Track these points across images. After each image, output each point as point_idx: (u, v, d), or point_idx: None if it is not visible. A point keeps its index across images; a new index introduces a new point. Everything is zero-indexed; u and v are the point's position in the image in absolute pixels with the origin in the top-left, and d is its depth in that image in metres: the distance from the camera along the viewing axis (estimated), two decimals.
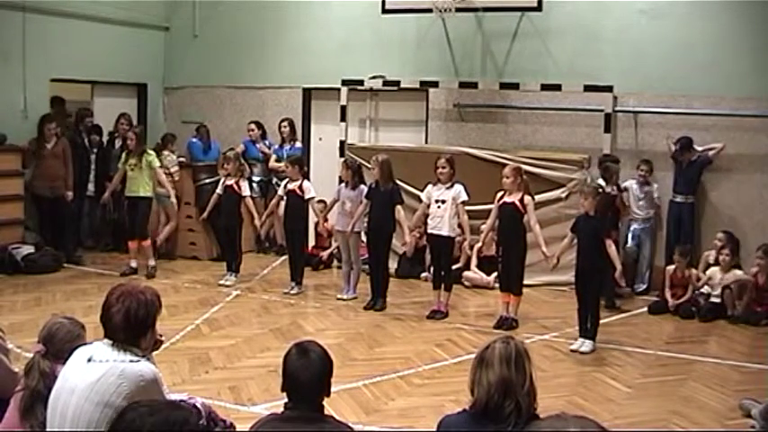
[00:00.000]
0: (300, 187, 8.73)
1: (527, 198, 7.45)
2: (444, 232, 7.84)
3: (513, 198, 7.44)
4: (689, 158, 8.85)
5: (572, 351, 6.92)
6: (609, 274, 7.42)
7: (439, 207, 7.84)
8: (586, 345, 6.94)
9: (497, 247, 7.91)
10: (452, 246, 8.08)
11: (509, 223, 7.50)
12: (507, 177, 7.44)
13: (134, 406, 2.57)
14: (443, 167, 7.81)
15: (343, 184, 8.64)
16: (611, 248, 6.94)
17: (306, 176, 9.11)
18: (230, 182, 9.12)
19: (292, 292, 8.75)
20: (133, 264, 9.46)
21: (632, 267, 9.07)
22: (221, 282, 9.12)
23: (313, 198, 8.80)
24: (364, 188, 8.46)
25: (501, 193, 7.56)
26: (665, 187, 9.06)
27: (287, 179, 8.94)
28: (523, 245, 7.54)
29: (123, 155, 9.48)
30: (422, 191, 8.20)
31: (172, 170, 10.26)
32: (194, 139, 11.03)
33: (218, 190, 9.25)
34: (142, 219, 9.46)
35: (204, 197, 9.99)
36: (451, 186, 7.81)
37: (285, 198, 8.87)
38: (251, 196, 9.34)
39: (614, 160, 8.79)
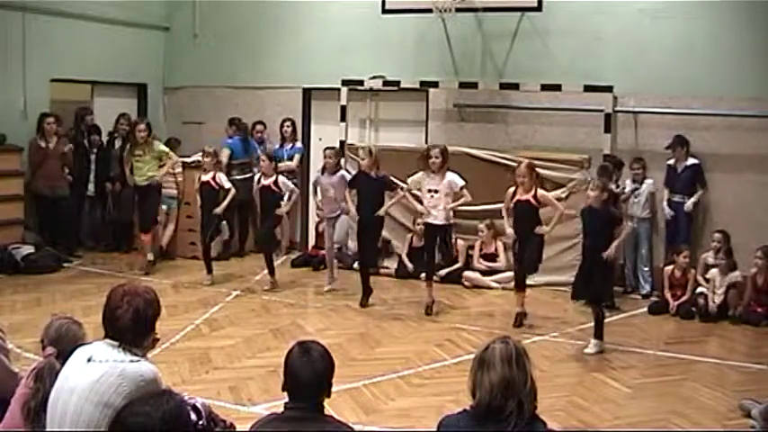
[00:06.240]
0: (275, 183, 8.76)
1: (540, 192, 7.47)
2: (439, 221, 7.87)
3: (528, 195, 7.44)
4: (683, 160, 8.83)
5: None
6: (612, 275, 7.41)
7: (432, 197, 7.88)
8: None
9: (513, 243, 7.86)
10: (448, 233, 8.07)
11: (525, 221, 7.50)
12: (524, 176, 7.42)
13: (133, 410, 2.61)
14: (437, 157, 7.81)
15: (319, 173, 8.80)
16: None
17: (280, 173, 9.14)
18: (206, 177, 9.01)
19: (265, 287, 8.87)
20: (150, 257, 9.42)
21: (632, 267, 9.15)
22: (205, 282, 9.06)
23: (282, 191, 8.87)
24: (344, 173, 8.54)
25: (512, 189, 7.56)
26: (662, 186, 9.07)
27: (261, 175, 8.94)
28: (541, 239, 7.54)
29: (128, 147, 9.51)
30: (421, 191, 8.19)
31: (176, 171, 10.27)
32: (230, 140, 10.53)
33: (197, 185, 9.17)
34: (153, 207, 9.51)
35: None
36: (444, 176, 7.82)
37: (259, 194, 8.94)
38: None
39: (617, 162, 8.79)
